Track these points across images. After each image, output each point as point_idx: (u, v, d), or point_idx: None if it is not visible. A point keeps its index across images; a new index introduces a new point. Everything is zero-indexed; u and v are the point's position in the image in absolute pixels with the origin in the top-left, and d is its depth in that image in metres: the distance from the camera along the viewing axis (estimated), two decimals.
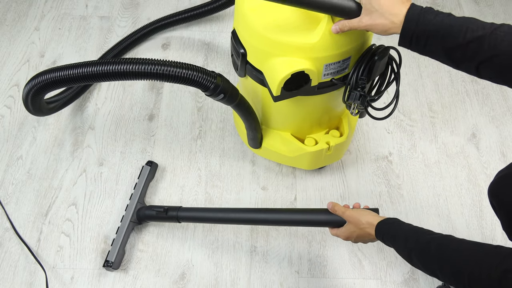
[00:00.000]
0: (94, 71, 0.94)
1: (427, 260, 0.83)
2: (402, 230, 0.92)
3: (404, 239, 0.89)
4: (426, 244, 0.84)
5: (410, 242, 0.87)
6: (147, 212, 1.30)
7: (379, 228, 0.97)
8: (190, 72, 0.97)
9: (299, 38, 0.99)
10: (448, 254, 0.79)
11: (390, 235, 0.94)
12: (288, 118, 1.27)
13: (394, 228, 0.94)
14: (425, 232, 0.88)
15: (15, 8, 1.89)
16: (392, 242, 0.93)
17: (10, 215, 1.37)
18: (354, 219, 1.04)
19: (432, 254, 0.82)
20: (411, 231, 0.90)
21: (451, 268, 0.78)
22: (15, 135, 1.53)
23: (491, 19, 1.89)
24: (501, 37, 0.76)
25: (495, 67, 0.79)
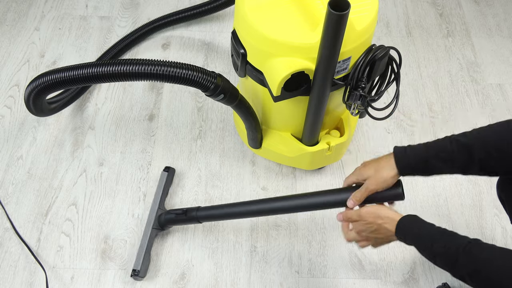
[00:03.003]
0: (95, 73, 0.94)
1: (455, 268, 0.81)
2: (427, 231, 0.88)
3: (429, 242, 0.86)
4: (454, 251, 0.81)
5: (436, 247, 0.84)
6: (167, 217, 1.27)
7: (401, 225, 0.91)
8: (190, 73, 0.97)
9: (299, 38, 0.99)
10: (480, 265, 0.77)
11: (413, 235, 0.89)
12: (288, 118, 1.27)
13: (417, 227, 0.90)
14: (452, 235, 0.85)
15: (15, 8, 1.89)
16: (415, 242, 0.89)
17: (10, 215, 1.37)
18: (370, 213, 0.95)
19: (461, 263, 0.79)
20: (437, 233, 0.87)
21: (483, 279, 0.76)
22: (15, 135, 1.53)
23: (491, 19, 1.90)
24: (483, 135, 0.85)
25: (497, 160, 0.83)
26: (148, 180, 1.45)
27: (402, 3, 1.95)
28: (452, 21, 1.90)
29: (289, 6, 1.05)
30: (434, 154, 0.88)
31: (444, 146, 0.87)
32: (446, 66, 1.76)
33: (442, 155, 0.87)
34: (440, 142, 0.89)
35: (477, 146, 0.83)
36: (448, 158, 0.86)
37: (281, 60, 1.01)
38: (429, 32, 1.86)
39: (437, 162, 0.88)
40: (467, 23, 1.89)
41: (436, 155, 0.87)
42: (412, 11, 1.93)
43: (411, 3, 1.95)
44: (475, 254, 0.78)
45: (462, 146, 0.85)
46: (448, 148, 0.86)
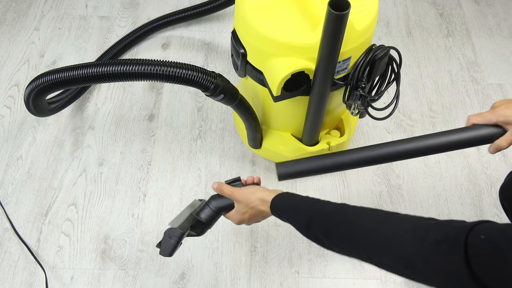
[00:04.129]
0: (95, 73, 0.94)
1: (326, 232, 0.79)
2: (297, 201, 0.87)
3: (301, 212, 0.84)
4: (326, 214, 0.80)
5: (309, 214, 0.82)
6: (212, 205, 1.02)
7: (274, 204, 0.90)
8: (190, 73, 0.97)
9: (299, 38, 0.99)
10: (350, 225, 0.75)
11: (286, 209, 0.88)
12: (288, 118, 1.27)
13: (290, 202, 0.88)
14: (320, 204, 0.84)
15: (14, 8, 1.89)
16: (288, 216, 0.87)
17: (10, 215, 1.37)
18: (243, 197, 0.94)
19: (333, 225, 0.77)
20: (307, 202, 0.85)
21: (354, 240, 0.74)
22: (15, 135, 1.53)
23: (491, 19, 1.90)
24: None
25: None
26: (148, 180, 1.45)
27: (402, 3, 1.95)
28: (452, 21, 1.90)
29: (289, 6, 1.04)
30: None
31: None
32: (446, 66, 1.76)
33: None
34: None
35: None
36: None
37: (281, 60, 1.01)
38: (429, 32, 1.86)
39: None
40: (467, 23, 1.89)
41: None
42: (412, 11, 1.93)
43: (411, 3, 1.95)
44: (341, 218, 0.77)
45: None
46: None
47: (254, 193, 0.94)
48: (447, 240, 0.61)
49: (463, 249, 0.58)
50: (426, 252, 0.63)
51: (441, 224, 0.65)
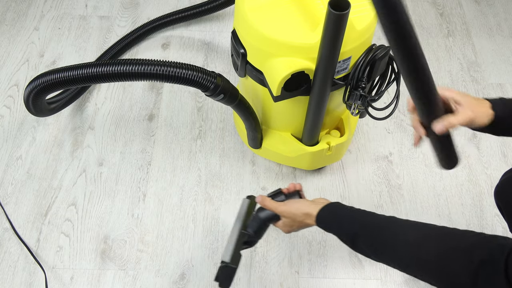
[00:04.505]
0: (95, 73, 0.94)
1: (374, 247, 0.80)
2: (344, 214, 0.87)
3: (346, 225, 0.85)
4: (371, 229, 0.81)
5: (353, 228, 0.83)
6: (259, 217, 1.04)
7: (320, 217, 0.91)
8: (190, 73, 0.97)
9: (299, 38, 0.99)
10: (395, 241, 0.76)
11: (331, 222, 0.89)
12: (288, 118, 1.27)
13: (334, 214, 0.89)
14: (367, 215, 0.84)
15: (14, 8, 1.88)
16: (334, 229, 0.88)
17: (10, 215, 1.37)
18: (289, 214, 0.95)
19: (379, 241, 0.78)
20: (352, 216, 0.86)
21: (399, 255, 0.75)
22: (15, 135, 1.53)
23: (491, 19, 1.90)
24: None
25: None
26: (147, 180, 1.44)
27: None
28: (453, 21, 1.90)
29: (289, 6, 1.04)
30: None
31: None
32: (446, 66, 1.75)
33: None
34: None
35: None
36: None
37: (281, 60, 1.01)
38: (430, 32, 1.86)
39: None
40: (468, 23, 1.89)
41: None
42: (412, 10, 1.93)
43: (411, 3, 1.95)
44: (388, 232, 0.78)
45: None
46: None
47: (299, 208, 0.94)
48: (491, 261, 0.63)
49: (503, 269, 0.61)
50: (473, 277, 0.65)
51: (485, 241, 0.67)
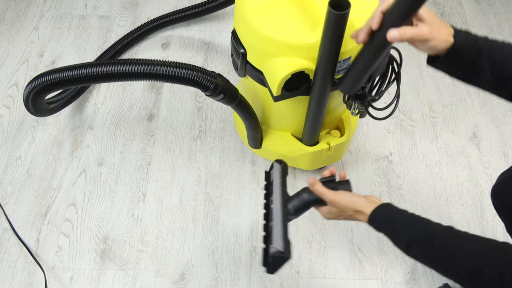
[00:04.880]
0: (95, 72, 0.94)
1: (429, 256, 0.80)
2: (400, 219, 0.86)
3: (402, 231, 0.85)
4: (427, 238, 0.80)
5: (410, 235, 0.83)
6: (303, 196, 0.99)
7: (373, 218, 0.90)
8: (190, 72, 0.97)
9: (299, 38, 0.98)
10: (454, 253, 0.76)
11: (386, 225, 0.88)
12: (288, 118, 1.26)
13: (390, 217, 0.88)
14: (425, 224, 0.84)
15: (14, 8, 1.88)
16: (388, 232, 0.88)
17: (9, 216, 1.36)
18: (339, 205, 0.93)
19: (436, 251, 0.78)
20: (409, 222, 0.85)
21: (458, 267, 0.76)
22: (14, 135, 1.53)
23: (492, 18, 1.89)
24: None
25: None
26: (147, 180, 1.44)
27: None
28: (453, 20, 1.89)
29: (289, 6, 1.04)
30: (491, 50, 0.81)
31: (503, 47, 0.81)
32: None
33: (496, 56, 0.81)
34: (500, 42, 0.82)
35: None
36: (498, 61, 0.80)
37: (281, 60, 1.00)
38: None
39: (486, 61, 0.81)
40: (468, 22, 1.89)
41: (492, 52, 0.81)
42: None
43: None
44: (449, 243, 0.77)
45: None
46: (505, 51, 0.80)
47: (353, 203, 0.92)
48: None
49: None
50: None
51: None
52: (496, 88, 0.83)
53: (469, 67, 0.83)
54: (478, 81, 0.84)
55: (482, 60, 0.81)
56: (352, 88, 1.05)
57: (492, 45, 0.81)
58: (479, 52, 0.81)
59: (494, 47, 0.81)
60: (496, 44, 0.81)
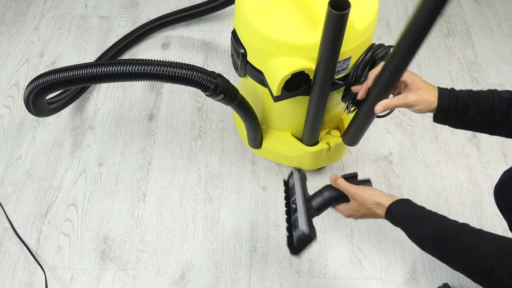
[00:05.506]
0: (95, 73, 0.94)
1: (443, 251, 0.81)
2: (418, 214, 0.88)
3: (418, 225, 0.86)
4: (442, 233, 0.81)
5: (425, 230, 0.84)
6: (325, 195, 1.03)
7: (391, 210, 0.91)
8: (190, 73, 0.97)
9: (299, 38, 0.99)
10: (467, 249, 0.77)
11: (403, 218, 0.90)
12: (288, 118, 1.27)
13: (408, 211, 0.90)
14: (441, 220, 0.85)
15: (14, 8, 1.88)
16: (404, 225, 0.89)
17: (10, 215, 1.37)
18: (360, 198, 0.96)
19: (450, 246, 0.79)
20: (426, 217, 0.87)
21: (470, 263, 0.76)
22: (15, 135, 1.53)
23: (491, 19, 1.90)
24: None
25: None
26: (147, 180, 1.44)
27: (403, 2, 1.95)
28: (453, 21, 1.90)
29: (289, 6, 1.04)
30: (476, 103, 0.88)
31: (486, 97, 0.87)
32: (446, 65, 1.75)
33: (482, 106, 0.87)
34: (482, 93, 0.88)
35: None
36: (486, 110, 0.87)
37: (281, 60, 1.01)
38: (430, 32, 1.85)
39: (475, 112, 0.88)
40: (468, 23, 1.89)
41: (477, 104, 0.87)
42: (412, 10, 1.92)
43: (411, 3, 1.95)
44: (462, 238, 0.78)
45: (504, 100, 0.85)
46: (489, 100, 0.86)
47: (373, 195, 0.95)
48: None
49: None
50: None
51: None
52: (493, 132, 0.90)
53: (461, 119, 0.91)
54: (476, 128, 0.91)
55: (471, 112, 0.88)
56: (356, 140, 1.19)
57: (476, 97, 0.88)
58: (464, 106, 0.89)
59: (477, 99, 0.88)
60: (480, 96, 0.88)
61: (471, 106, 0.88)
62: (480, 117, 0.88)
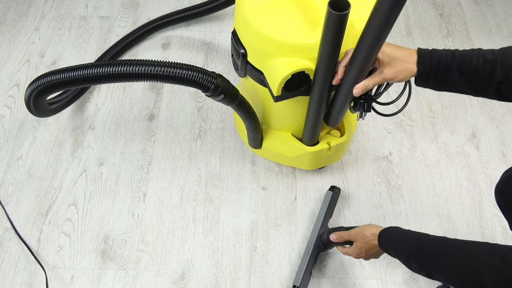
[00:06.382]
0: (96, 73, 0.94)
1: (423, 260, 0.83)
2: (402, 236, 0.91)
3: (402, 245, 0.89)
4: (422, 244, 0.84)
5: (409, 246, 0.87)
6: (328, 236, 1.19)
7: (381, 237, 0.96)
8: (190, 73, 0.97)
9: (299, 38, 0.99)
10: (441, 252, 0.79)
11: (391, 242, 0.93)
12: (288, 118, 1.27)
13: (394, 235, 0.94)
14: (422, 235, 0.88)
15: (15, 8, 1.89)
16: (393, 249, 0.92)
17: (10, 215, 1.37)
18: (358, 234, 1.04)
19: (427, 253, 0.82)
20: (410, 235, 0.90)
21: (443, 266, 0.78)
22: (15, 135, 1.53)
23: (491, 19, 1.90)
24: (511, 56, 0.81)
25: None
26: (148, 180, 1.45)
27: None
28: (452, 21, 1.90)
29: (289, 6, 1.05)
30: (458, 65, 0.85)
31: (470, 58, 0.84)
32: None
33: (466, 68, 0.84)
34: (467, 53, 0.85)
35: (500, 65, 0.81)
36: (470, 72, 0.84)
37: (282, 60, 1.01)
38: (429, 32, 1.86)
39: (458, 74, 0.85)
40: (467, 23, 1.90)
41: (460, 66, 0.84)
42: (412, 11, 1.93)
43: (411, 3, 1.95)
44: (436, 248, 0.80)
45: (488, 63, 0.82)
46: (473, 61, 0.83)
47: (368, 228, 1.02)
48: None
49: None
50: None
51: None
52: (478, 94, 0.87)
53: (443, 82, 0.87)
54: (460, 90, 0.88)
55: (454, 74, 0.85)
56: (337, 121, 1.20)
57: (460, 59, 0.85)
58: (447, 68, 0.85)
59: (461, 61, 0.84)
60: (464, 57, 0.85)
61: (454, 68, 0.85)
62: (463, 79, 0.85)
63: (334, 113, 1.14)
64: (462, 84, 0.86)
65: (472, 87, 0.86)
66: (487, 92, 0.85)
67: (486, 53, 0.83)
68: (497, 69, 0.81)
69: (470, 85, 0.85)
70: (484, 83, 0.84)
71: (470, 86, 0.86)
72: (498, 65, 0.81)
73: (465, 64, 0.84)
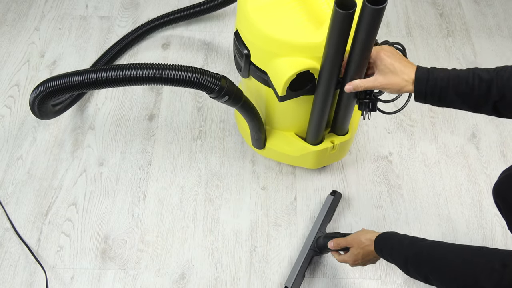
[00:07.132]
0: (101, 78, 0.94)
1: (420, 265, 0.83)
2: (398, 241, 0.91)
3: (399, 250, 0.89)
4: (419, 249, 0.84)
5: (405, 251, 0.87)
6: (325, 240, 1.20)
7: (377, 242, 0.96)
8: (195, 75, 0.97)
9: (304, 38, 0.99)
10: (439, 257, 0.79)
11: (387, 247, 0.93)
12: (292, 118, 1.27)
13: (390, 240, 0.94)
14: (419, 240, 0.88)
15: (15, 8, 1.88)
16: (389, 254, 0.92)
17: (10, 215, 1.37)
18: (355, 240, 1.04)
19: (425, 259, 0.82)
20: (406, 239, 0.90)
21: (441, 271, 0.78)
22: (15, 135, 1.53)
23: (491, 19, 1.90)
24: (506, 75, 0.82)
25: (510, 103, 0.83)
26: (148, 180, 1.45)
27: (402, 3, 1.96)
28: (452, 21, 1.90)
29: (292, 6, 1.04)
30: (455, 86, 0.86)
31: (466, 79, 0.85)
32: (446, 66, 1.75)
33: (462, 89, 0.85)
34: (463, 73, 0.86)
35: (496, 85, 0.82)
36: (466, 92, 0.85)
37: (286, 60, 1.01)
38: (429, 32, 1.86)
39: (454, 95, 0.86)
40: (467, 23, 1.90)
41: (456, 87, 0.86)
42: (412, 11, 1.93)
43: (411, 3, 1.95)
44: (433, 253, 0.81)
45: (484, 82, 0.83)
46: (469, 82, 0.85)
47: (365, 234, 1.02)
48: None
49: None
50: None
51: None
52: (475, 111, 0.89)
53: (441, 101, 0.90)
54: (457, 108, 0.90)
55: (450, 96, 0.87)
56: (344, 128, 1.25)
57: (455, 80, 0.86)
58: (443, 91, 0.87)
59: (457, 82, 0.86)
60: (460, 79, 0.86)
61: (451, 89, 0.86)
62: (460, 99, 0.87)
63: (340, 118, 1.16)
64: (459, 103, 0.88)
65: (469, 106, 0.88)
66: (484, 110, 0.87)
67: (481, 73, 0.84)
68: (493, 89, 0.82)
69: (467, 104, 0.87)
70: (481, 103, 0.85)
71: (468, 105, 0.87)
72: (493, 85, 0.82)
73: (460, 85, 0.85)
